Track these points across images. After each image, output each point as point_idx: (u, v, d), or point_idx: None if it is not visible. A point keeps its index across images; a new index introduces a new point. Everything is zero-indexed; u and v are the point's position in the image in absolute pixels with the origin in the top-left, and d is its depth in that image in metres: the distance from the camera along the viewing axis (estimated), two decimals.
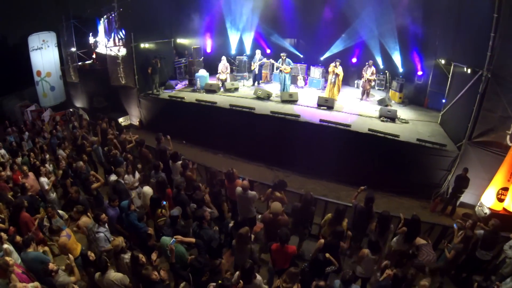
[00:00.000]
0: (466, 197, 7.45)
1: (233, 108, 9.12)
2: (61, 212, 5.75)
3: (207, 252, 3.96)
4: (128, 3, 10.92)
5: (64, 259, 4.32)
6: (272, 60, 11.90)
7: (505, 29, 6.32)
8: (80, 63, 14.38)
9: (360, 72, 11.44)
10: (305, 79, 12.19)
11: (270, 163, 8.91)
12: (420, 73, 10.75)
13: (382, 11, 10.89)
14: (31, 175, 6.67)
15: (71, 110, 12.35)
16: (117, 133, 8.46)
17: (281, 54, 11.00)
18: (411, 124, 8.95)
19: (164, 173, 6.21)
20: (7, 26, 17.17)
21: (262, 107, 9.37)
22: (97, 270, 3.83)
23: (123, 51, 11.40)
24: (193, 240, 4.23)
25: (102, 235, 4.47)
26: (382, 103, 10.22)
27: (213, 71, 12.79)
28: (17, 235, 4.71)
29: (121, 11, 11.26)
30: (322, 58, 12.36)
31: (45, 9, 14.60)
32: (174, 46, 13.11)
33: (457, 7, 8.55)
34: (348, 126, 7.96)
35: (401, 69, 11.11)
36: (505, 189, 6.62)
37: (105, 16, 12.50)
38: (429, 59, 10.55)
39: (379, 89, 12.17)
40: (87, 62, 14.71)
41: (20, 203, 5.28)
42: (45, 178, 6.59)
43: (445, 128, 8.83)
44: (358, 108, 9.99)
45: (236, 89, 11.25)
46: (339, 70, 10.09)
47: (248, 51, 13.23)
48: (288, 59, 10.93)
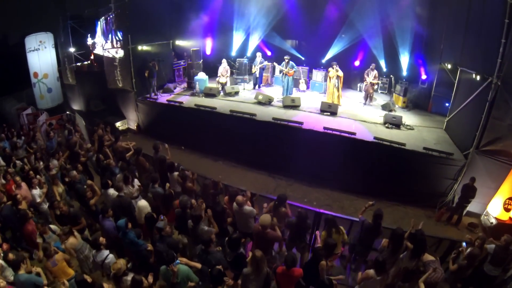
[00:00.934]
0: (472, 206, 7.28)
1: (233, 114, 8.85)
2: (53, 226, 5.50)
3: (211, 280, 3.70)
4: (126, 4, 10.63)
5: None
6: (274, 63, 11.64)
7: None
8: (79, 64, 14.09)
9: (362, 75, 11.21)
10: (307, 82, 11.92)
11: (272, 171, 8.68)
12: (424, 77, 10.50)
13: (385, 13, 10.63)
14: (24, 185, 6.43)
15: (67, 113, 12.07)
16: (113, 139, 8.18)
17: (285, 57, 10.84)
18: (416, 130, 8.72)
19: (163, 184, 6.00)
20: (4, 26, 16.84)
21: (264, 113, 9.11)
22: None
23: (120, 53, 11.13)
24: (198, 266, 4.00)
25: (109, 261, 4.23)
26: (386, 108, 9.97)
27: (212, 74, 12.52)
28: (9, 253, 4.48)
29: (118, 12, 10.98)
30: (324, 60, 12.11)
31: (43, 9, 14.31)
32: (172, 48, 12.82)
33: (465, 10, 8.28)
34: (353, 134, 7.73)
35: (405, 72, 10.85)
36: None
37: (102, 18, 12.20)
38: (433, 62, 10.31)
39: (382, 93, 11.92)
40: (85, 63, 14.42)
41: (25, 214, 5.11)
42: (37, 190, 6.36)
43: (450, 135, 8.61)
44: (362, 113, 9.77)
45: (236, 93, 10.99)
46: (340, 72, 9.86)
47: (248, 53, 12.94)
48: (292, 62, 10.76)
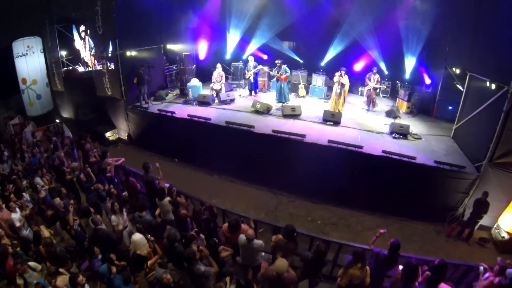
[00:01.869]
0: (482, 219, 6.89)
1: (229, 125, 8.27)
2: (32, 264, 4.94)
3: None
4: (112, 6, 9.95)
5: None
6: (265, 68, 11.03)
7: None
8: (70, 68, 13.37)
9: (363, 79, 10.72)
10: (306, 87, 11.35)
11: (272, 186, 8.14)
12: (428, 81, 10.03)
13: (387, 13, 10.09)
14: (5, 207, 5.87)
15: (55, 124, 11.38)
16: (100, 157, 7.58)
17: (276, 61, 10.22)
18: (424, 140, 8.25)
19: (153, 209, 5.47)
20: None
21: (262, 124, 8.53)
22: None
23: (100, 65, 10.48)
24: None
25: None
26: (391, 114, 9.50)
27: (206, 79, 11.95)
28: None
29: (104, 15, 10.31)
30: (323, 63, 11.56)
31: (30, 13, 13.55)
32: (164, 52, 12.18)
33: (473, 10, 7.78)
34: (360, 147, 7.21)
35: (407, 75, 10.36)
36: None
37: (86, 22, 11.53)
38: (438, 66, 9.85)
39: (384, 97, 11.44)
40: (76, 67, 13.68)
41: (4, 250, 4.61)
42: (17, 214, 5.83)
43: (459, 144, 8.18)
44: (366, 121, 9.28)
45: (232, 100, 10.41)
46: (345, 79, 9.31)
47: (244, 56, 12.28)
48: (285, 66, 10.14)
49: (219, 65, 10.88)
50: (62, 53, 13.15)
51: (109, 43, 10.43)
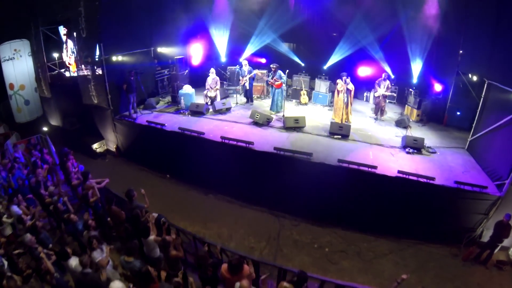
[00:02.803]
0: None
1: (225, 141, 7.50)
2: None
3: None
4: (96, 7, 9.07)
5: None
6: (259, 73, 10.20)
7: None
8: (55, 72, 12.50)
9: (369, 84, 10.03)
10: (308, 93, 10.56)
11: (273, 207, 7.38)
12: (439, 87, 9.33)
13: (394, 13, 9.34)
14: None
15: (38, 135, 10.48)
16: (81, 178, 6.80)
17: (271, 65, 9.36)
18: (439, 154, 7.57)
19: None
20: None
21: (263, 139, 7.72)
22: None
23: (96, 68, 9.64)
24: None
25: None
26: (401, 124, 8.80)
27: (201, 84, 11.13)
28: None
29: (88, 16, 9.43)
30: (326, 66, 10.78)
31: (16, 14, 12.65)
32: (154, 56, 11.32)
33: (493, 12, 7.05)
34: (374, 167, 6.49)
35: (415, 79, 9.66)
36: None
37: (70, 24, 10.64)
38: (449, 70, 9.14)
39: (391, 102, 10.71)
40: (63, 71, 12.80)
41: None
42: None
43: (476, 158, 7.53)
44: (375, 131, 8.57)
45: (228, 109, 9.60)
46: (351, 85, 8.59)
47: (241, 59, 11.43)
48: (280, 71, 9.23)
49: (213, 70, 10.04)
50: (55, 56, 12.36)
51: (94, 47, 9.58)
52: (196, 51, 11.65)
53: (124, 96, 9.49)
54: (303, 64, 11.30)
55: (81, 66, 10.23)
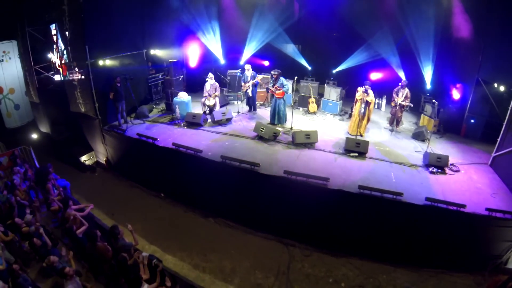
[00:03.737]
0: None
1: (226, 162, 6.59)
2: None
3: None
4: (80, 5, 8.10)
5: None
6: (260, 79, 9.28)
7: None
8: (42, 76, 11.55)
9: (380, 89, 9.24)
10: (317, 101, 9.63)
11: (282, 235, 6.52)
12: (457, 96, 8.51)
13: (407, 15, 8.50)
14: None
15: (21, 146, 9.52)
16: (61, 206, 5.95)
17: (273, 71, 8.33)
18: (463, 173, 6.75)
19: None
20: None
21: (270, 159, 6.76)
22: None
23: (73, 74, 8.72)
24: None
25: None
26: (419, 137, 7.96)
27: (198, 89, 10.26)
28: None
29: (72, 16, 8.47)
30: (335, 71, 9.89)
31: (3, 14, 11.73)
32: (147, 59, 10.38)
33: None
34: (400, 194, 5.64)
35: (428, 85, 8.81)
36: None
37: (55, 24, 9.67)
38: (468, 77, 8.34)
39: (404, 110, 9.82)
40: (51, 74, 11.83)
41: None
42: None
43: (502, 176, 6.72)
44: (392, 145, 7.73)
45: (228, 120, 8.67)
46: (371, 96, 7.72)
47: (242, 62, 10.50)
48: (283, 78, 8.26)
49: (211, 76, 9.07)
50: (44, 58, 11.43)
51: (80, 49, 8.61)
52: (193, 52, 10.71)
53: (111, 104, 8.56)
54: (310, 68, 10.39)
55: (75, 69, 9.28)
